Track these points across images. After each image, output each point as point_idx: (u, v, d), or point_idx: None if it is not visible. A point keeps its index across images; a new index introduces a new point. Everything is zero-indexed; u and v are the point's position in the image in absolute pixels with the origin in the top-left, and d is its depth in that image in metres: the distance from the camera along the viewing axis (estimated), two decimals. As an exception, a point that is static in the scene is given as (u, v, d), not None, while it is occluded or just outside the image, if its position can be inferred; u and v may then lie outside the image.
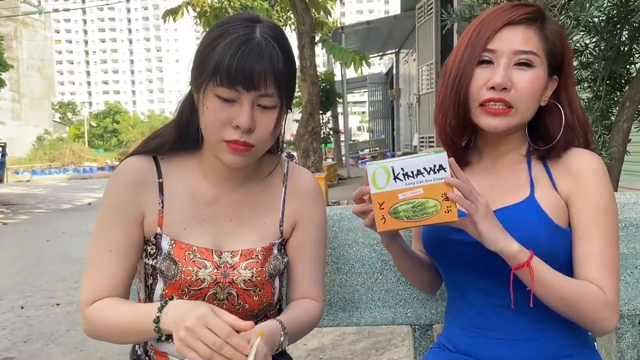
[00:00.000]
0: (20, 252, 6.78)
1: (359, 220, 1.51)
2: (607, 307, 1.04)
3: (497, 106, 1.07)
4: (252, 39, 0.99)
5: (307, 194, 1.21)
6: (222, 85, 0.99)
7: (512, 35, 1.07)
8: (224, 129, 1.03)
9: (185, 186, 1.14)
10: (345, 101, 15.33)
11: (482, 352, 1.14)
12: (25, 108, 37.66)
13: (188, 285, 1.08)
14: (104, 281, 1.08)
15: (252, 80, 0.99)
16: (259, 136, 1.04)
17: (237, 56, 0.98)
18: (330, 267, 1.49)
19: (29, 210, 11.81)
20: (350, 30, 14.41)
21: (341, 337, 3.13)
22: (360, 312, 1.49)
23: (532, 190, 1.10)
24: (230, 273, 1.11)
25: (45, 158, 31.53)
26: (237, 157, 1.05)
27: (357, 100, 34.21)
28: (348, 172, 14.23)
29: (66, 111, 61.05)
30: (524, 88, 1.06)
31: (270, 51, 1.00)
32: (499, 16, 1.08)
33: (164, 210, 1.11)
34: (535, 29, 1.08)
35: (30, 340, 3.59)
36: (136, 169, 1.12)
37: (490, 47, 1.07)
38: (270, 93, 1.01)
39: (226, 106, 1.01)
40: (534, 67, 1.07)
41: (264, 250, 1.14)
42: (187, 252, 1.10)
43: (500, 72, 1.06)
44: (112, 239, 1.09)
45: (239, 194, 1.16)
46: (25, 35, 37.94)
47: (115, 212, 1.10)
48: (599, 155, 1.15)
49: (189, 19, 12.54)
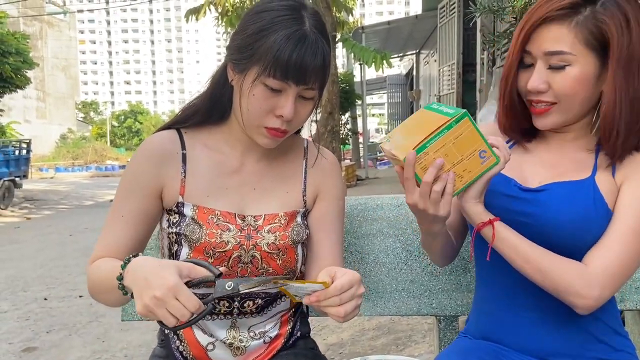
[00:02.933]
0: (44, 246, 6.90)
1: (383, 210, 1.50)
2: (582, 280, 1.00)
3: (540, 106, 1.08)
4: (307, 35, 1.04)
5: (326, 167, 1.24)
6: (275, 77, 1.03)
7: (544, 35, 1.04)
8: (267, 116, 1.08)
9: (209, 156, 1.18)
10: (364, 102, 15.27)
11: (511, 337, 1.13)
12: (49, 107, 38.34)
13: (213, 247, 1.10)
14: (111, 243, 1.11)
15: (305, 76, 1.04)
16: (295, 124, 1.11)
17: (295, 52, 1.02)
18: (354, 257, 1.48)
19: (53, 206, 12.02)
20: (371, 30, 14.36)
21: (361, 333, 3.12)
22: (384, 302, 1.48)
23: (594, 173, 1.09)
24: (253, 236, 1.13)
25: (69, 156, 32.05)
26: (272, 140, 1.12)
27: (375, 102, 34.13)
28: (366, 173, 14.19)
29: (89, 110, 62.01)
30: (561, 89, 1.05)
31: (323, 48, 1.05)
32: (537, 12, 1.05)
33: (186, 179, 1.15)
34: (571, 22, 1.02)
35: (52, 331, 3.64)
36: (159, 143, 1.16)
37: (527, 48, 1.07)
38: (314, 87, 1.07)
39: (272, 95, 1.05)
40: (569, 66, 1.03)
41: (286, 216, 1.16)
42: (211, 216, 1.13)
43: (533, 77, 1.06)
44: (126, 206, 1.12)
45: (262, 164, 1.20)
46: (50, 35, 38.64)
47: (133, 183, 1.14)
48: None
49: (211, 19, 12.64)
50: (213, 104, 1.17)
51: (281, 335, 1.21)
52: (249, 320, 1.18)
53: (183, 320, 0.88)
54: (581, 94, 1.05)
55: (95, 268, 1.08)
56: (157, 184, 1.14)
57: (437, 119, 0.99)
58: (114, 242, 1.11)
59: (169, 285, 0.87)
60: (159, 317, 0.88)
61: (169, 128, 1.20)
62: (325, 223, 1.21)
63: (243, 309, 1.16)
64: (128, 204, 1.13)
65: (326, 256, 1.19)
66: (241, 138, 1.18)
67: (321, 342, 3.04)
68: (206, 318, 1.15)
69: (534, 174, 1.14)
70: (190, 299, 0.88)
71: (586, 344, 1.10)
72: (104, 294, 1.07)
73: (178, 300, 0.87)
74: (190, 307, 0.88)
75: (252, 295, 1.16)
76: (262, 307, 1.17)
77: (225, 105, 1.16)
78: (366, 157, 16.14)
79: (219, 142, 1.19)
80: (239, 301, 1.16)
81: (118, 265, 0.98)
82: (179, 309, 0.87)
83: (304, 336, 1.25)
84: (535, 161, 1.16)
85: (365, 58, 8.85)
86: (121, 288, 0.97)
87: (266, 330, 1.19)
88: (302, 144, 1.26)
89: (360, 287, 0.95)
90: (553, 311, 1.10)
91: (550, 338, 1.11)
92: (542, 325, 1.11)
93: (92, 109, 62.90)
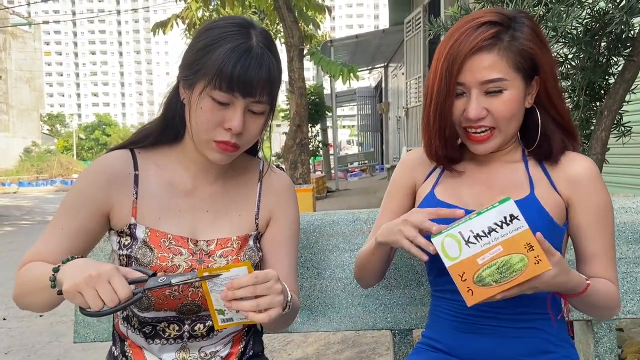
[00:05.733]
0: (4, 263, 6.68)
1: (339, 226, 1.52)
2: (618, 297, 1.15)
3: (480, 133, 1.12)
4: (252, 48, 1.05)
5: (281, 191, 1.25)
6: (221, 90, 1.04)
7: (477, 64, 1.08)
8: (216, 129, 1.08)
9: (162, 177, 1.17)
10: (335, 114, 15.36)
11: (467, 347, 1.16)
12: (13, 119, 37.39)
13: (164, 271, 1.09)
14: (43, 252, 1.09)
15: (251, 89, 1.05)
16: (246, 138, 1.11)
17: (239, 64, 1.03)
18: (311, 273, 1.50)
19: (14, 222, 11.67)
20: (340, 43, 14.51)
21: (326, 347, 3.12)
22: (340, 317, 1.49)
23: (532, 189, 1.14)
24: (205, 260, 1.13)
25: (33, 170, 31.21)
26: (224, 156, 1.11)
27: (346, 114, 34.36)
28: (337, 185, 14.24)
29: (55, 123, 60.68)
30: (500, 113, 1.10)
31: (269, 61, 1.07)
32: (464, 42, 1.08)
33: (137, 201, 1.14)
34: (499, 50, 1.08)
35: (11, 352, 3.53)
36: (111, 164, 1.15)
37: (460, 80, 1.09)
38: (263, 100, 1.08)
39: (220, 108, 1.06)
40: (506, 90, 1.09)
41: (239, 240, 1.17)
42: (163, 239, 1.12)
43: (472, 106, 1.09)
44: (67, 221, 1.11)
45: (216, 186, 1.20)
46: (15, 46, 37.77)
47: (78, 199, 1.13)
48: None
49: (179, 32, 12.57)
50: (166, 124, 1.17)
51: (233, 354, 1.20)
52: (200, 343, 1.17)
53: (111, 305, 0.88)
54: (517, 114, 1.12)
55: (25, 270, 1.07)
56: (105, 204, 1.13)
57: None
58: (46, 252, 1.08)
59: (104, 268, 0.90)
60: (86, 298, 0.88)
61: (122, 148, 1.19)
62: (277, 246, 1.21)
63: (194, 332, 1.15)
64: (69, 219, 1.11)
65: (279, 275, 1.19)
66: (195, 159, 1.17)
67: (286, 357, 3.03)
68: (155, 342, 1.14)
69: (474, 196, 1.18)
70: (122, 284, 0.89)
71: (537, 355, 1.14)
72: (32, 295, 1.04)
73: (110, 284, 0.88)
74: (120, 293, 0.88)
75: (202, 318, 1.15)
76: (213, 329, 1.16)
77: (178, 125, 1.16)
78: (337, 168, 16.21)
79: (173, 162, 1.19)
80: (189, 324, 1.15)
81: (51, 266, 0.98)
82: (109, 292, 0.88)
83: (257, 355, 1.25)
84: (471, 183, 1.20)
85: (332, 71, 8.92)
86: (52, 279, 0.95)
87: (217, 350, 1.19)
88: (257, 166, 1.26)
89: (277, 284, 0.95)
90: (508, 321, 1.13)
91: (503, 348, 1.13)
92: (496, 336, 1.14)
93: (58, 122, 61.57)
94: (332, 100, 15.16)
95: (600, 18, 1.99)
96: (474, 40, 1.07)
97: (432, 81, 1.13)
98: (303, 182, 8.69)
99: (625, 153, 3.33)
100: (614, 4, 1.89)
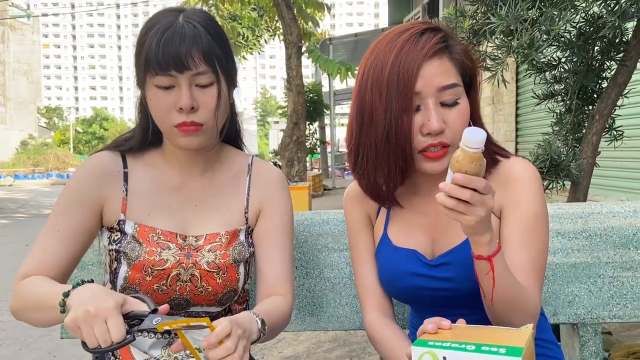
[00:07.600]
0: (-2, 257, 6.68)
1: (329, 225, 1.52)
2: (536, 304, 1.01)
3: (437, 151, 1.00)
4: (174, 24, 1.05)
5: (271, 184, 1.24)
6: (157, 74, 1.05)
7: (433, 70, 0.98)
8: (170, 114, 1.07)
9: (150, 175, 1.19)
10: (333, 112, 15.38)
11: None
12: (10, 112, 37.27)
13: (151, 265, 1.10)
14: (43, 259, 1.09)
15: (180, 62, 1.03)
16: (204, 114, 1.08)
17: (162, 42, 1.03)
18: (299, 272, 1.50)
19: (9, 215, 11.65)
20: (338, 41, 14.51)
21: (316, 345, 3.13)
22: (328, 317, 1.49)
23: None
24: (193, 254, 1.13)
25: (29, 163, 31.20)
26: (191, 138, 1.09)
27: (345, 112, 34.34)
28: (333, 183, 14.27)
29: (52, 116, 60.51)
30: (457, 125, 0.99)
31: (193, 31, 1.05)
32: (414, 50, 0.98)
33: (127, 197, 1.16)
34: (449, 55, 1.01)
35: (3, 345, 3.53)
36: (100, 161, 1.17)
37: (416, 89, 0.98)
38: (202, 70, 1.06)
39: (167, 93, 1.07)
40: (460, 99, 1.00)
41: (228, 235, 1.16)
42: (151, 234, 1.13)
43: (433, 117, 0.97)
44: (64, 221, 1.12)
45: (204, 180, 1.20)
46: (13, 38, 37.63)
47: (73, 198, 1.14)
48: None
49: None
50: (145, 128, 1.18)
51: None
52: None
53: (103, 345, 0.88)
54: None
55: (30, 284, 1.06)
56: (98, 201, 1.14)
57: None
58: (46, 258, 1.09)
59: (104, 306, 0.88)
60: (83, 334, 0.88)
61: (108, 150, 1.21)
62: (269, 239, 1.20)
63: None
64: (66, 219, 1.12)
65: (270, 273, 1.18)
66: (175, 154, 1.18)
67: (277, 355, 3.04)
68: (143, 335, 1.14)
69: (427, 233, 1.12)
70: (117, 325, 0.88)
71: None
72: (35, 312, 1.05)
73: (106, 323, 0.87)
74: (113, 334, 0.87)
75: (192, 314, 1.16)
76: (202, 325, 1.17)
77: (156, 127, 1.16)
78: (334, 166, 16.23)
79: (159, 161, 1.20)
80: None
81: (58, 286, 0.98)
82: (103, 332, 0.87)
83: None
84: (421, 219, 1.13)
85: (329, 70, 8.94)
86: (62, 304, 0.95)
87: None
88: (246, 161, 1.26)
89: (237, 328, 0.90)
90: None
91: None
92: None
93: (56, 115, 61.41)
94: (330, 98, 15.18)
95: (593, 22, 2.00)
96: (424, 46, 0.98)
97: (372, 104, 1.00)
98: (299, 180, 8.70)
99: (616, 157, 3.35)
100: (607, 8, 1.89)
